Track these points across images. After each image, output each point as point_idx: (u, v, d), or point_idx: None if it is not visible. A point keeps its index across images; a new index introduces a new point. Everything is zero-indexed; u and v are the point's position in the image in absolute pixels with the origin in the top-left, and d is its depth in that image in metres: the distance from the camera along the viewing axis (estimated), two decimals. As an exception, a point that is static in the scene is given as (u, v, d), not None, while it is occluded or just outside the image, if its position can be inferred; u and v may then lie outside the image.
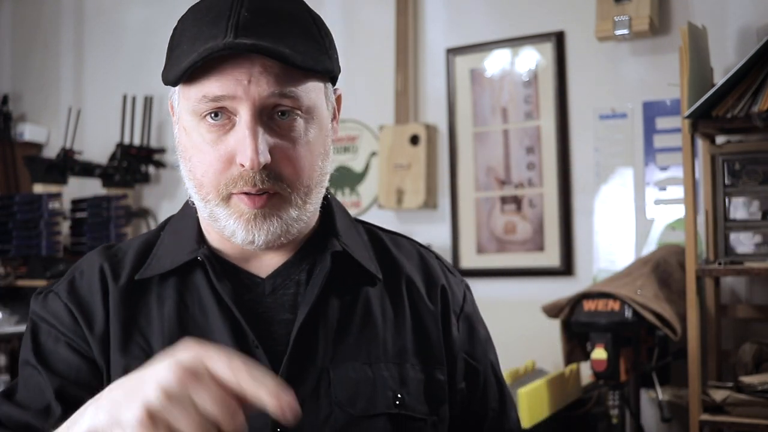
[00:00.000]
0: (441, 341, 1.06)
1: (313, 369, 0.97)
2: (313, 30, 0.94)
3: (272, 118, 0.92)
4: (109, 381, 0.97)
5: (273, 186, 0.92)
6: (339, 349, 0.99)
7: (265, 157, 0.90)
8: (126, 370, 0.95)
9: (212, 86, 0.90)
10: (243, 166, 0.90)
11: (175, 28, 0.96)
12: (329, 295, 1.00)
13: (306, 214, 0.97)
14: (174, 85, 0.94)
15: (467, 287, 1.15)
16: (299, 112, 0.93)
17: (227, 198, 0.93)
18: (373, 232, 1.12)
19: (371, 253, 1.07)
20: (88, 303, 1.00)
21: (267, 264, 1.02)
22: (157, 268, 1.01)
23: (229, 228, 0.94)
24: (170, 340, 0.97)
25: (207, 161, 0.93)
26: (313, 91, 0.94)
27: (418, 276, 1.09)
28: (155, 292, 1.00)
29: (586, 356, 2.17)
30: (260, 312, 0.99)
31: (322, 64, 0.94)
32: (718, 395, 1.97)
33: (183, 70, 0.89)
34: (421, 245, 1.16)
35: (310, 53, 0.92)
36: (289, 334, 0.97)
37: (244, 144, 0.90)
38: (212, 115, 0.91)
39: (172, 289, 1.00)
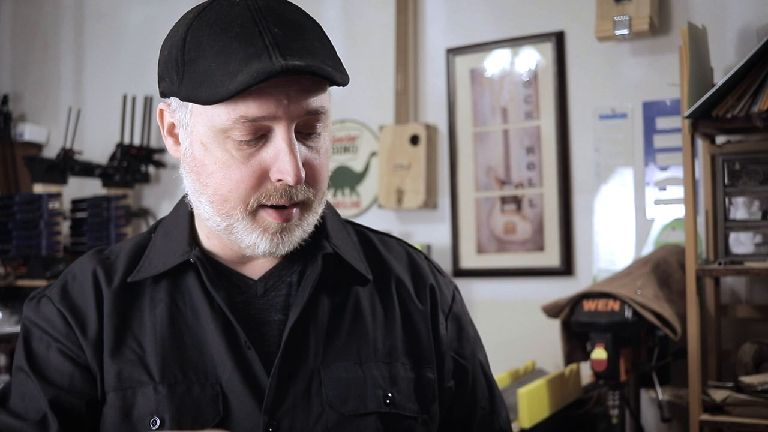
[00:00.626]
0: (431, 340, 1.07)
1: (305, 369, 0.98)
2: (326, 39, 0.95)
3: (299, 131, 0.93)
4: (102, 386, 0.97)
5: (304, 195, 0.94)
6: (330, 349, 1.00)
7: (303, 172, 0.91)
8: (119, 375, 0.96)
9: (251, 107, 0.89)
10: (280, 181, 0.91)
11: (186, 40, 0.92)
12: (320, 296, 1.01)
13: (318, 218, 0.99)
14: (208, 104, 0.90)
15: (456, 288, 1.16)
16: (323, 124, 0.95)
17: (254, 211, 0.94)
18: (362, 233, 1.13)
19: (361, 254, 1.08)
20: (81, 307, 1.00)
21: (259, 266, 1.02)
22: (148, 271, 1.01)
23: (249, 240, 0.95)
24: (162, 342, 0.97)
25: (236, 177, 0.92)
26: (327, 100, 0.95)
27: (407, 276, 1.10)
28: (148, 294, 1.00)
29: (586, 356, 2.17)
30: (252, 313, 1.00)
31: (347, 76, 0.94)
32: (718, 395, 1.97)
33: (232, 91, 0.86)
34: (409, 245, 1.17)
35: (339, 67, 0.93)
36: (281, 335, 0.98)
37: (285, 161, 0.90)
38: (252, 140, 0.90)
39: (163, 291, 1.00)
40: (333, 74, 0.89)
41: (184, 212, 1.04)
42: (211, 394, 0.95)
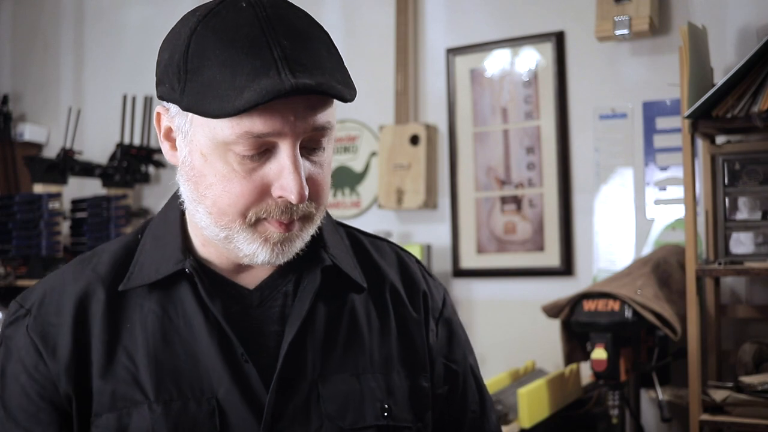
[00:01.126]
0: (425, 348, 1.06)
1: (303, 383, 0.96)
2: (333, 49, 0.91)
3: (303, 146, 0.90)
4: (87, 408, 0.94)
5: (306, 210, 0.92)
6: (327, 361, 0.98)
7: (307, 190, 0.88)
8: (113, 395, 0.93)
9: (256, 123, 0.85)
10: (281, 197, 0.89)
11: (190, 46, 0.87)
12: (316, 306, 0.99)
13: (317, 227, 0.97)
14: (212, 117, 0.86)
15: (446, 291, 1.15)
16: (328, 138, 0.92)
17: (255, 224, 0.91)
18: (354, 236, 1.11)
19: (354, 260, 1.06)
20: (56, 327, 0.96)
21: (254, 275, 1.00)
22: (140, 279, 0.97)
23: (248, 249, 0.92)
24: (155, 357, 0.94)
25: (237, 191, 0.89)
26: (333, 115, 0.92)
27: (400, 282, 1.08)
28: (137, 304, 0.97)
29: (586, 356, 2.17)
30: (248, 325, 0.97)
31: (355, 90, 0.91)
32: (718, 395, 1.97)
33: (238, 108, 0.83)
34: (400, 248, 1.15)
35: (347, 81, 0.89)
36: (278, 347, 0.96)
37: (289, 179, 0.87)
38: (255, 155, 0.88)
39: (154, 301, 0.97)
40: (342, 92, 0.87)
41: (175, 215, 1.01)
42: (207, 409, 0.93)
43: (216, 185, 0.90)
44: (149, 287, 0.97)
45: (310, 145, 0.91)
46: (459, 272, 2.87)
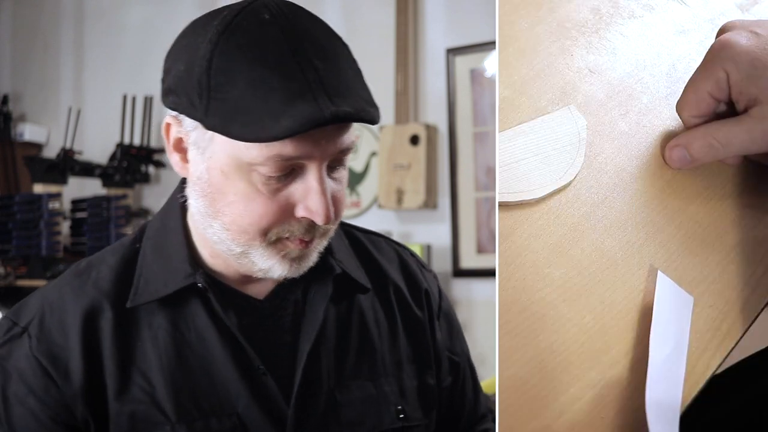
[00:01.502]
0: (430, 347, 1.06)
1: (321, 392, 0.95)
2: (355, 63, 0.89)
3: (328, 165, 0.88)
4: (105, 431, 0.90)
5: (327, 227, 0.90)
6: (341, 369, 0.97)
7: (333, 211, 0.86)
8: (132, 417, 0.89)
9: (287, 147, 0.81)
10: (304, 218, 0.86)
11: (213, 61, 0.83)
12: (327, 314, 0.98)
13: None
14: (244, 141, 0.82)
15: (438, 280, 1.15)
16: (349, 156, 0.91)
17: (274, 242, 0.88)
18: (351, 234, 1.09)
19: (357, 261, 1.04)
20: (63, 348, 0.90)
21: (263, 285, 0.97)
22: (147, 294, 0.92)
23: (264, 265, 0.89)
24: (172, 375, 0.91)
25: (260, 211, 0.85)
26: (354, 132, 0.90)
27: (403, 281, 1.08)
28: (145, 320, 0.92)
29: (586, 356, 2.17)
30: (261, 336, 0.94)
31: (378, 108, 0.89)
32: (718, 395, 1.97)
33: (277, 136, 0.79)
34: (397, 244, 1.14)
35: (373, 101, 0.87)
36: (291, 358, 0.94)
37: (316, 201, 0.85)
38: (281, 176, 0.84)
39: (162, 316, 0.92)
40: (374, 115, 0.85)
41: (176, 224, 0.97)
42: (229, 426, 0.91)
43: (237, 204, 0.86)
44: (157, 302, 0.92)
45: (333, 164, 0.88)
46: (459, 272, 2.87)
